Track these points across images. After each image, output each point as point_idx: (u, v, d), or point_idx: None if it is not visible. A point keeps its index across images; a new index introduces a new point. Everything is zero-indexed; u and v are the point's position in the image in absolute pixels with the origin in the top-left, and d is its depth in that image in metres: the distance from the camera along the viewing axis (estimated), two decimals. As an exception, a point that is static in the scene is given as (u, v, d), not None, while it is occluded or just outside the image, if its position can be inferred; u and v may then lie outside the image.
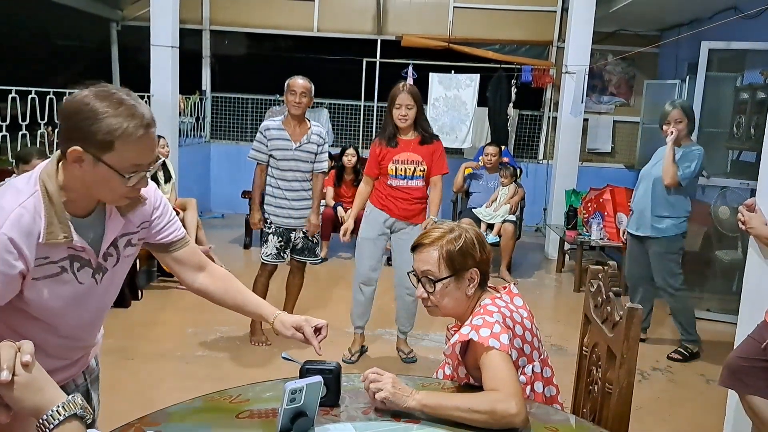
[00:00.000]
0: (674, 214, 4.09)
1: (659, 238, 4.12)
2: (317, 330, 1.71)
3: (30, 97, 4.51)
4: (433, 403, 1.55)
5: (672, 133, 4.02)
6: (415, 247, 1.84)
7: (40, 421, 0.97)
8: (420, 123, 3.80)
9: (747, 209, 2.82)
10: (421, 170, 3.78)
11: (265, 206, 4.09)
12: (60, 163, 1.42)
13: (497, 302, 1.75)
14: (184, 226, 6.37)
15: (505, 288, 1.86)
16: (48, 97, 5.09)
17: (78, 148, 1.34)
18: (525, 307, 1.80)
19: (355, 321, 4.03)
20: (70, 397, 0.99)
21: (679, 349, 4.25)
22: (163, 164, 5.57)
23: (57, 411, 0.97)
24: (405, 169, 3.78)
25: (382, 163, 3.80)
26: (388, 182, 3.80)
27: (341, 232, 4.00)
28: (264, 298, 4.07)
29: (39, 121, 4.81)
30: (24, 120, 4.56)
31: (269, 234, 4.07)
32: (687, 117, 4.06)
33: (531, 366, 1.75)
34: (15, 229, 1.34)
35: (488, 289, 1.85)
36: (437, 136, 3.95)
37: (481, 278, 1.80)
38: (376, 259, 3.92)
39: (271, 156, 3.99)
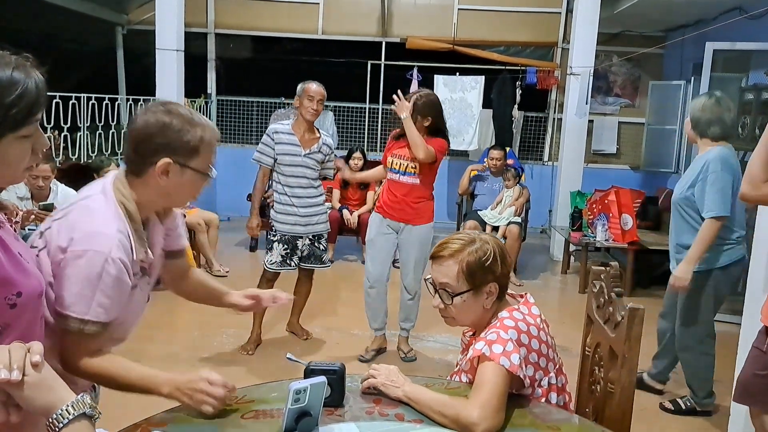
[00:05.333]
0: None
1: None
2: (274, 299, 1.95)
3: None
4: (414, 398, 1.62)
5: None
6: (433, 257, 1.81)
7: (50, 420, 0.99)
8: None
9: None
10: (412, 167, 3.79)
11: (271, 212, 4.02)
12: (129, 181, 1.55)
13: (515, 315, 1.72)
14: (200, 243, 6.03)
15: (522, 297, 1.85)
16: (54, 101, 5.12)
17: (167, 159, 1.51)
18: (541, 316, 1.78)
19: (370, 323, 4.09)
20: (79, 396, 1.01)
21: (677, 400, 3.61)
22: None
23: (66, 410, 0.99)
24: (399, 163, 3.84)
25: (387, 154, 3.92)
26: (388, 176, 3.90)
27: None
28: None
29: (45, 125, 4.84)
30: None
31: (274, 242, 3.97)
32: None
33: (547, 378, 1.75)
34: (121, 251, 1.47)
35: (506, 298, 1.82)
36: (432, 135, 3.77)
37: (499, 291, 1.78)
38: (380, 261, 3.95)
39: (276, 161, 3.92)
